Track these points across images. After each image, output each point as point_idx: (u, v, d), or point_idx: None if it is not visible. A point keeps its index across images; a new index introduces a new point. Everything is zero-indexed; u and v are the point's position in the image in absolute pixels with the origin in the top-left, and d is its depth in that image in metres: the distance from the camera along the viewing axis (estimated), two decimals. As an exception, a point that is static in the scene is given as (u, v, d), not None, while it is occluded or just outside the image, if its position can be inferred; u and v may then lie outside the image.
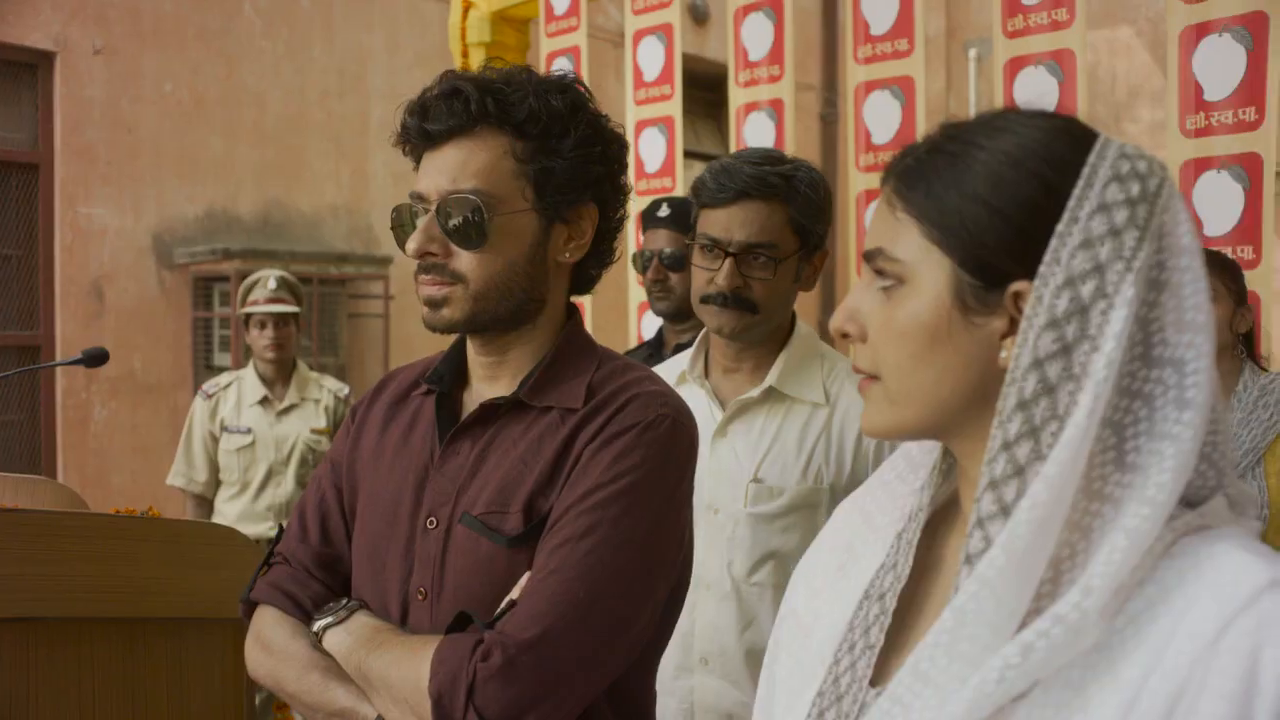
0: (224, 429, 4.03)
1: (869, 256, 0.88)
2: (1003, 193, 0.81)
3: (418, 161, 1.40)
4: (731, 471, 1.94)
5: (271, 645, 1.38)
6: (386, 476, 1.42)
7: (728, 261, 1.88)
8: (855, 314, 0.89)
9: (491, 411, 1.39)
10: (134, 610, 1.94)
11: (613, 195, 1.43)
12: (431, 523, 1.36)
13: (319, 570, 1.44)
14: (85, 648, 1.92)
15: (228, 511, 4.00)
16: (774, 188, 1.88)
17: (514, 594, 1.26)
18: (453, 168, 1.33)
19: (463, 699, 1.18)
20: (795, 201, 1.90)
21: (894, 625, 0.88)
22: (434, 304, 1.35)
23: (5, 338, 5.94)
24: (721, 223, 1.89)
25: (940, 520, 0.93)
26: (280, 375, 4.11)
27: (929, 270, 0.84)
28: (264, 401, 4.06)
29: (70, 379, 6.04)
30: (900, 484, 0.98)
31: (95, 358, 2.58)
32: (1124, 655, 0.74)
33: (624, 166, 1.44)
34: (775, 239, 1.88)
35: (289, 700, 1.38)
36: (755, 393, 1.95)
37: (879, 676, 0.87)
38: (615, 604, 1.25)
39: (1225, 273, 2.63)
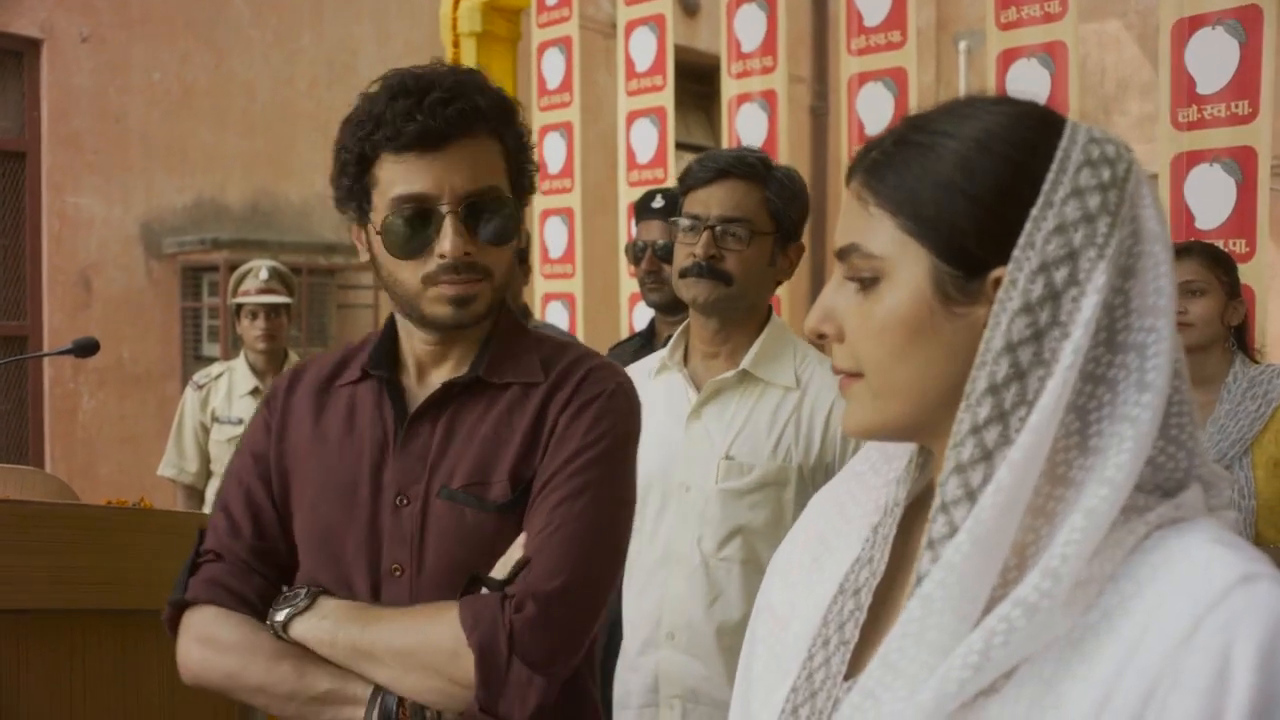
0: (215, 419, 4.02)
1: (842, 254, 0.87)
2: (977, 180, 0.80)
3: (369, 163, 1.39)
4: (704, 450, 2.03)
5: (224, 642, 1.36)
6: (336, 463, 1.43)
7: (705, 233, 2.00)
8: (831, 314, 0.88)
9: (448, 392, 1.43)
10: (126, 602, 1.93)
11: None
12: (402, 501, 1.39)
13: (257, 563, 1.42)
14: (77, 639, 1.91)
15: (218, 502, 3.98)
16: (752, 167, 2.03)
17: (517, 554, 1.33)
18: (467, 167, 1.36)
19: (505, 649, 1.26)
20: (771, 185, 2.03)
21: (867, 619, 0.88)
22: (463, 302, 1.39)
23: (-8, 328, 5.91)
24: (702, 200, 2.04)
25: (915, 513, 0.92)
26: (271, 366, 4.09)
27: (907, 264, 0.83)
28: (255, 392, 4.03)
29: (58, 369, 6.00)
30: (873, 475, 0.97)
31: (85, 347, 2.57)
32: (1097, 650, 0.73)
33: None
34: (751, 215, 2.02)
35: (250, 696, 1.36)
36: (730, 374, 2.04)
37: (852, 671, 0.86)
38: (609, 556, 1.38)
39: (1218, 265, 2.64)
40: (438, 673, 1.28)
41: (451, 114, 1.34)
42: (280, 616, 1.36)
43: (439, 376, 1.45)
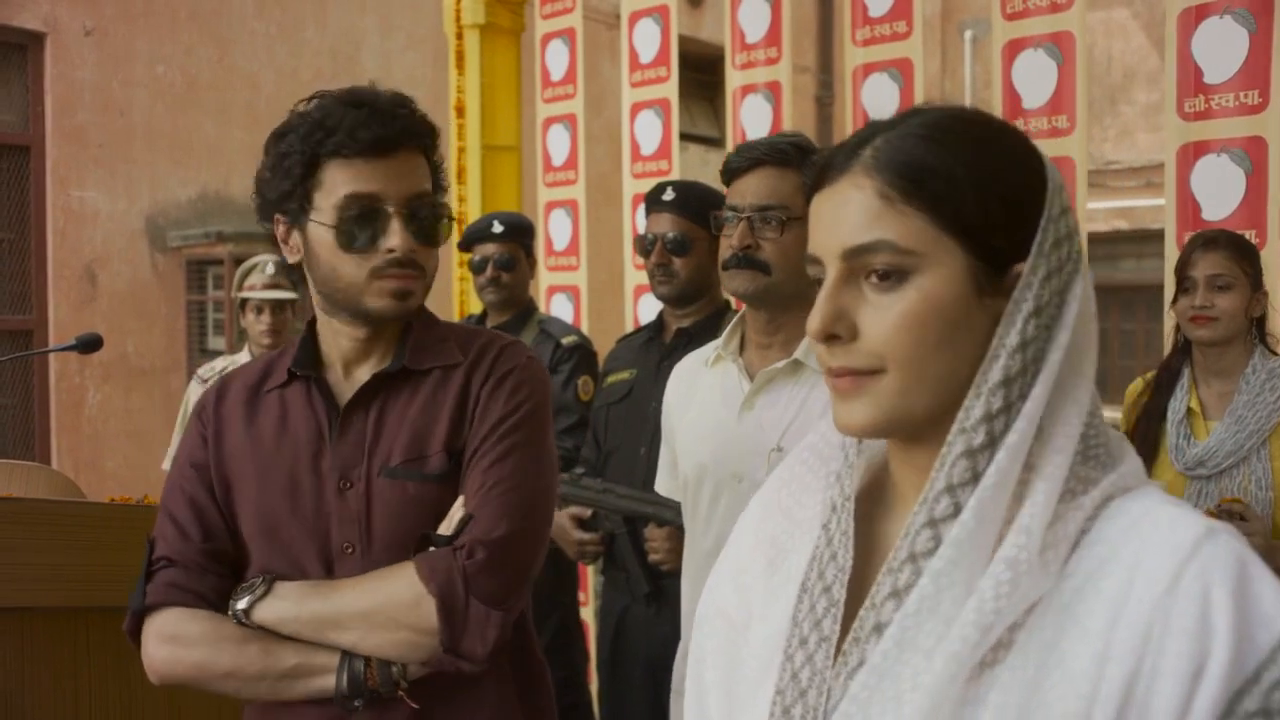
0: (219, 414, 4.01)
1: (865, 251, 0.87)
2: (1003, 181, 0.86)
3: (316, 166, 1.49)
4: (756, 442, 1.99)
5: (190, 636, 1.44)
6: (273, 460, 1.53)
7: (741, 224, 1.98)
8: (843, 313, 0.88)
9: (378, 383, 1.54)
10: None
11: None
12: (345, 484, 1.50)
13: (209, 563, 1.50)
14: (81, 636, 1.92)
15: (223, 497, 3.98)
16: (785, 153, 1.99)
17: (458, 514, 1.47)
18: (410, 173, 1.51)
19: (463, 592, 1.40)
20: (808, 169, 1.94)
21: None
22: (403, 295, 1.51)
23: (-3, 322, 5.92)
24: (739, 190, 2.02)
25: (865, 505, 0.95)
26: (276, 360, 4.09)
27: (941, 258, 0.85)
28: (259, 386, 4.04)
29: (63, 363, 6.01)
30: (810, 475, 0.99)
31: (88, 344, 2.56)
32: (1087, 611, 0.80)
33: None
34: (786, 201, 1.97)
35: (221, 683, 1.44)
36: (781, 364, 2.00)
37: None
38: (541, 507, 1.52)
39: (1245, 258, 2.57)
40: (401, 625, 1.40)
41: (398, 125, 1.49)
42: (241, 604, 1.44)
43: (365, 370, 1.57)
